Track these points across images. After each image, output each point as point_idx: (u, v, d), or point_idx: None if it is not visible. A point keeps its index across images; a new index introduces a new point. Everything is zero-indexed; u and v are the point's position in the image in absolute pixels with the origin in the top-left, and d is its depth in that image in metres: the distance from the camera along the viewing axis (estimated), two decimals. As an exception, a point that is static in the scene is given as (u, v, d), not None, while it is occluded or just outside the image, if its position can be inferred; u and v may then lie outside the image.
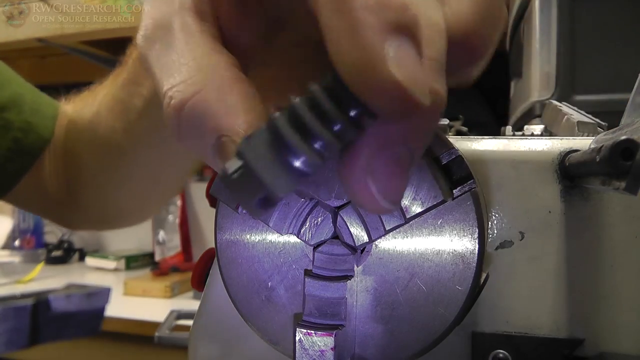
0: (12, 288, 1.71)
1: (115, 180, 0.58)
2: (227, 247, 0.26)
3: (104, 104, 0.53)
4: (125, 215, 0.68)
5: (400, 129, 0.18)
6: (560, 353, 0.30)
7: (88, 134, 0.57)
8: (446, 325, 0.23)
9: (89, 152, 0.57)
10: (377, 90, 0.16)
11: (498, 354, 0.30)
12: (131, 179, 0.58)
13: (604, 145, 0.23)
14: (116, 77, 0.51)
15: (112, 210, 0.65)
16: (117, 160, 0.55)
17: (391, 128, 0.18)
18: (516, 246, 0.31)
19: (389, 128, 0.18)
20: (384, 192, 0.18)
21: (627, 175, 0.21)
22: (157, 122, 0.48)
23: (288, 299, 0.25)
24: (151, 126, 0.49)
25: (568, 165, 0.30)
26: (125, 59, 0.50)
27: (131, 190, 0.60)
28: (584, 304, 0.30)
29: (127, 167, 0.56)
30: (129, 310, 1.52)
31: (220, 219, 0.26)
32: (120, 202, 0.63)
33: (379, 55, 0.16)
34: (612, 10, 0.73)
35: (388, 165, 0.18)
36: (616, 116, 0.37)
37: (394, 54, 0.16)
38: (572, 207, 0.30)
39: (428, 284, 0.23)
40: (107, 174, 0.58)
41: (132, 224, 0.71)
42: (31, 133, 0.61)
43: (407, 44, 0.17)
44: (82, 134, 0.58)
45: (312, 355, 0.22)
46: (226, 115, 0.21)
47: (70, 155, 0.60)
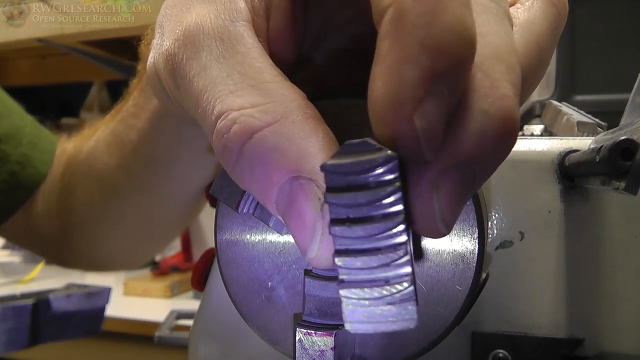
0: (12, 288, 1.71)
1: (107, 221, 0.56)
2: (227, 247, 0.26)
3: (102, 138, 0.52)
4: (115, 259, 0.65)
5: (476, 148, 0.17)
6: (560, 353, 0.30)
7: (84, 169, 0.55)
8: (446, 325, 0.23)
9: (84, 188, 0.56)
10: None
11: (498, 353, 0.30)
12: (123, 222, 0.56)
13: (603, 145, 0.23)
14: (117, 112, 0.50)
15: (102, 253, 0.62)
16: (110, 199, 0.53)
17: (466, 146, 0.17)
18: (516, 246, 0.31)
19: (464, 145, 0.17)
20: (444, 213, 0.17)
21: (627, 175, 0.21)
22: (150, 161, 0.47)
23: (288, 299, 0.25)
24: (144, 165, 0.48)
25: (568, 165, 0.30)
26: (128, 92, 0.48)
27: (122, 233, 0.57)
28: (583, 303, 0.30)
29: (119, 208, 0.54)
30: (129, 310, 1.52)
31: (220, 219, 0.26)
32: (111, 245, 0.60)
33: None
34: (612, 11, 0.73)
35: (455, 183, 0.17)
36: (616, 116, 0.37)
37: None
38: (572, 207, 0.30)
39: (428, 284, 0.23)
40: (99, 214, 0.56)
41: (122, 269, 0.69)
42: (28, 167, 0.60)
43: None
44: (78, 168, 0.57)
45: (312, 355, 0.22)
46: (308, 155, 0.19)
47: (66, 193, 0.58)
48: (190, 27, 0.22)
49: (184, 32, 0.22)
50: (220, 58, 0.21)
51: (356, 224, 0.17)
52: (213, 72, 0.21)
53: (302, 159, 0.19)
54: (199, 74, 0.21)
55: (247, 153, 0.19)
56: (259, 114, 0.19)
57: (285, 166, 0.19)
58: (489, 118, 0.17)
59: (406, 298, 0.17)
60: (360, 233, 0.17)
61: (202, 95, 0.21)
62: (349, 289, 0.18)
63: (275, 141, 0.19)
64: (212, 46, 0.21)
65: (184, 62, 0.22)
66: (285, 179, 0.19)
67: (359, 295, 0.18)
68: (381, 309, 0.18)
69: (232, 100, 0.20)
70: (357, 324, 0.18)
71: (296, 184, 0.18)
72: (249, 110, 0.19)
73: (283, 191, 0.19)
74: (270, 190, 0.19)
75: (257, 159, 0.19)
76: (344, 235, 0.17)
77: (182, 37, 0.22)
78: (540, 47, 0.22)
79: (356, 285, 0.18)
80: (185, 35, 0.22)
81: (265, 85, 0.20)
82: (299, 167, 0.18)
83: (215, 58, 0.21)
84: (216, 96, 0.20)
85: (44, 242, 0.62)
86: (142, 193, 0.51)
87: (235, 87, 0.20)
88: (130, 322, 1.45)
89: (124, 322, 1.44)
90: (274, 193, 0.19)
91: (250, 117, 0.19)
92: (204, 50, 0.21)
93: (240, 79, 0.20)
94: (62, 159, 0.60)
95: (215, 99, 0.20)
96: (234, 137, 0.19)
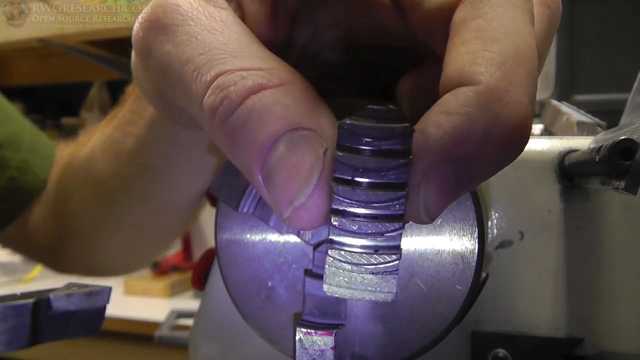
0: (12, 287, 1.71)
1: (103, 229, 0.55)
2: (227, 247, 0.26)
3: (99, 144, 0.51)
4: (111, 266, 0.64)
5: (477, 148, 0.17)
6: (559, 352, 0.30)
7: (80, 176, 0.55)
8: (446, 325, 0.23)
9: (80, 195, 0.55)
10: None
11: (498, 353, 0.30)
12: (119, 229, 0.55)
13: (603, 145, 0.23)
14: (112, 118, 0.49)
15: (98, 259, 0.62)
16: (106, 206, 0.53)
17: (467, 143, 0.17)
18: (516, 246, 0.31)
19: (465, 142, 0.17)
20: (429, 204, 0.17)
21: (627, 174, 0.21)
22: (146, 168, 0.47)
23: (288, 298, 0.25)
24: (140, 171, 0.47)
25: (567, 165, 0.30)
26: (124, 99, 0.48)
27: (118, 240, 0.57)
28: (583, 303, 0.30)
29: (115, 215, 0.53)
30: (130, 309, 1.52)
31: (220, 219, 0.26)
32: (107, 252, 0.59)
33: None
34: (612, 11, 0.73)
35: (447, 178, 0.17)
36: (616, 116, 0.37)
37: None
38: (572, 206, 0.30)
39: (428, 284, 0.23)
40: (95, 221, 0.55)
41: (118, 275, 0.69)
42: (28, 173, 0.59)
43: None
44: (75, 175, 0.56)
45: (312, 354, 0.22)
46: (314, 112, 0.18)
47: (62, 200, 0.58)
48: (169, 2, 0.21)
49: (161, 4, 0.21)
50: (214, 31, 0.19)
51: (360, 188, 0.17)
52: (209, 39, 0.19)
53: (307, 115, 0.18)
54: (190, 38, 0.19)
55: (249, 105, 0.17)
56: (268, 75, 0.18)
57: (291, 118, 0.17)
58: (498, 121, 0.17)
59: (390, 270, 0.17)
60: (362, 197, 0.17)
61: (196, 58, 0.19)
62: (338, 251, 0.17)
63: (282, 98, 0.18)
64: (201, 19, 0.20)
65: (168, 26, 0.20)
66: (284, 130, 0.17)
67: (346, 258, 0.17)
68: (363, 276, 0.18)
69: (234, 62, 0.18)
70: (335, 287, 0.18)
71: (298, 134, 0.17)
72: (257, 71, 0.18)
73: (278, 144, 0.17)
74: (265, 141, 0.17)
75: (257, 112, 0.17)
76: (345, 196, 0.17)
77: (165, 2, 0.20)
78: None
79: (345, 248, 0.17)
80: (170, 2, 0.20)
81: (268, 58, 0.19)
82: (303, 120, 0.17)
83: (208, 29, 0.19)
84: (214, 58, 0.18)
85: (39, 248, 0.62)
86: (139, 200, 0.51)
87: (235, 53, 0.19)
88: (131, 321, 1.45)
89: (124, 321, 1.44)
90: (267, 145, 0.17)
91: (260, 77, 0.18)
92: (193, 20, 0.20)
93: (240, 47, 0.19)
94: (58, 166, 0.60)
95: (213, 60, 0.18)
96: (238, 89, 0.18)
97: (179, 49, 0.19)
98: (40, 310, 0.29)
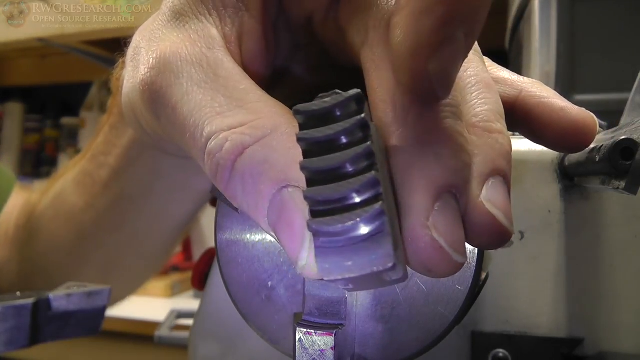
0: (12, 288, 1.71)
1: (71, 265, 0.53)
2: (227, 247, 0.26)
3: (71, 179, 0.50)
4: None
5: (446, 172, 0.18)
6: (559, 352, 0.30)
7: (50, 213, 0.53)
8: (446, 325, 0.23)
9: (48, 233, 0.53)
10: None
11: (498, 353, 0.30)
12: (86, 264, 0.53)
13: (603, 144, 0.23)
14: (87, 150, 0.48)
15: None
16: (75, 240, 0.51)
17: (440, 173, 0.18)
18: (516, 246, 0.31)
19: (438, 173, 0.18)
20: (451, 242, 0.17)
21: (627, 174, 0.21)
22: (121, 199, 0.45)
23: (288, 298, 0.25)
24: (114, 202, 0.46)
25: (568, 165, 0.30)
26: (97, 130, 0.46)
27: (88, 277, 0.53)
28: (583, 303, 0.30)
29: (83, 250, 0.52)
30: (129, 309, 1.52)
31: (220, 219, 0.26)
32: None
33: None
34: (612, 11, 0.73)
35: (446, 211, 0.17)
36: (616, 116, 0.37)
37: None
38: (572, 206, 0.30)
39: (428, 283, 0.23)
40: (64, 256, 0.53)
41: None
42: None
43: None
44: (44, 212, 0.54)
45: (312, 354, 0.22)
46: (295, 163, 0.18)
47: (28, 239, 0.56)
48: (166, 55, 0.22)
49: (160, 59, 0.22)
50: (202, 83, 0.21)
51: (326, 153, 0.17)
52: (197, 97, 0.21)
53: (289, 168, 0.19)
54: (182, 99, 0.21)
55: (239, 169, 0.19)
56: (249, 130, 0.19)
57: (275, 176, 0.19)
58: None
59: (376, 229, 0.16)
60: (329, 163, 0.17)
61: (189, 120, 0.21)
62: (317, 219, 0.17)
63: (265, 154, 0.19)
64: (191, 72, 0.22)
65: (164, 90, 0.22)
66: (275, 190, 0.19)
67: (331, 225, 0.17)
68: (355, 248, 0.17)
69: (221, 120, 0.20)
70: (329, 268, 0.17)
71: (284, 192, 0.18)
72: (239, 128, 0.19)
73: (273, 203, 0.19)
74: (261, 202, 0.19)
75: (248, 173, 0.19)
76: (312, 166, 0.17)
77: (158, 64, 0.22)
78: None
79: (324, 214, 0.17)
80: (162, 63, 0.22)
81: (252, 104, 0.20)
82: (287, 176, 0.19)
83: (196, 83, 0.21)
84: (204, 119, 0.20)
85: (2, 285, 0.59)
86: (111, 232, 0.49)
87: (222, 108, 0.20)
88: (130, 321, 1.45)
89: (124, 321, 1.44)
90: (264, 205, 0.19)
91: (241, 134, 0.19)
92: (183, 76, 0.21)
93: (226, 101, 0.20)
94: (27, 208, 0.58)
95: (203, 121, 0.20)
96: (225, 155, 0.19)
97: (176, 111, 0.21)
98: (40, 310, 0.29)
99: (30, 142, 2.20)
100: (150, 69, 0.22)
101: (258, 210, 0.19)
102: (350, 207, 0.17)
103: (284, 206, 0.18)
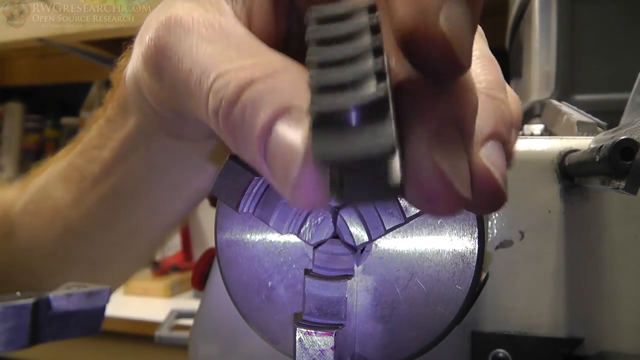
0: (12, 288, 1.71)
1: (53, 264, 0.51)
2: (227, 247, 0.26)
3: (56, 173, 0.48)
4: None
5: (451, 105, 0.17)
6: (559, 352, 0.30)
7: (31, 208, 0.50)
8: (446, 325, 0.23)
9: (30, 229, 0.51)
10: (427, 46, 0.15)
11: (498, 353, 0.30)
12: (71, 263, 0.51)
13: (603, 144, 0.23)
14: (73, 146, 0.47)
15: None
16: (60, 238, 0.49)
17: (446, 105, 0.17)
18: (516, 246, 0.31)
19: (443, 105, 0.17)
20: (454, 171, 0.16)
21: (627, 174, 0.21)
22: (112, 195, 0.44)
23: (288, 298, 0.25)
24: (104, 198, 0.44)
25: (568, 165, 0.30)
26: (88, 125, 0.45)
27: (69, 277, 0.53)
28: (583, 303, 0.30)
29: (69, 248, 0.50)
30: (129, 309, 1.52)
31: (220, 219, 0.26)
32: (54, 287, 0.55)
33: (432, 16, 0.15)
34: (612, 11, 0.73)
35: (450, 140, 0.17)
36: (616, 116, 0.37)
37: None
38: (572, 206, 0.30)
39: (428, 284, 0.23)
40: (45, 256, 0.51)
41: None
42: None
43: None
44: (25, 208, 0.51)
45: (312, 354, 0.22)
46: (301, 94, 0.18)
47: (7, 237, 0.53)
48: (178, 15, 0.22)
49: (170, 18, 0.22)
50: (213, 41, 0.20)
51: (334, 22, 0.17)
52: (207, 49, 0.20)
53: (296, 95, 0.18)
54: (191, 50, 0.20)
55: (243, 101, 0.18)
56: (259, 67, 0.19)
57: (279, 101, 0.18)
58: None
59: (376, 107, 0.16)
60: (337, 53, 0.16)
61: (196, 68, 0.20)
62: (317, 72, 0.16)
63: (273, 84, 0.18)
64: (202, 31, 0.21)
65: (171, 44, 0.21)
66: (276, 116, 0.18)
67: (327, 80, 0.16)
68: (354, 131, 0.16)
69: (229, 65, 0.19)
70: (327, 153, 0.15)
71: (288, 116, 0.18)
72: (247, 68, 0.19)
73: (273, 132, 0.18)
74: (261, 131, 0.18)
75: (250, 103, 0.18)
76: (319, 55, 0.16)
77: (167, 23, 0.22)
78: None
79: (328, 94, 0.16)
80: (172, 22, 0.22)
81: (261, 53, 0.20)
82: (292, 103, 0.18)
83: (207, 40, 0.20)
84: (214, 64, 0.20)
85: None
86: (100, 229, 0.48)
87: (231, 57, 0.20)
88: (130, 321, 1.45)
89: (124, 321, 1.44)
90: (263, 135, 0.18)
91: (250, 70, 0.19)
92: (193, 33, 0.21)
93: (235, 51, 0.20)
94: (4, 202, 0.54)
95: (212, 67, 0.20)
96: (232, 88, 0.18)
97: (182, 62, 0.21)
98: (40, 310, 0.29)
99: (30, 142, 2.20)
100: (158, 29, 0.22)
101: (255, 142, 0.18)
102: (354, 86, 0.16)
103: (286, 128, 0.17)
